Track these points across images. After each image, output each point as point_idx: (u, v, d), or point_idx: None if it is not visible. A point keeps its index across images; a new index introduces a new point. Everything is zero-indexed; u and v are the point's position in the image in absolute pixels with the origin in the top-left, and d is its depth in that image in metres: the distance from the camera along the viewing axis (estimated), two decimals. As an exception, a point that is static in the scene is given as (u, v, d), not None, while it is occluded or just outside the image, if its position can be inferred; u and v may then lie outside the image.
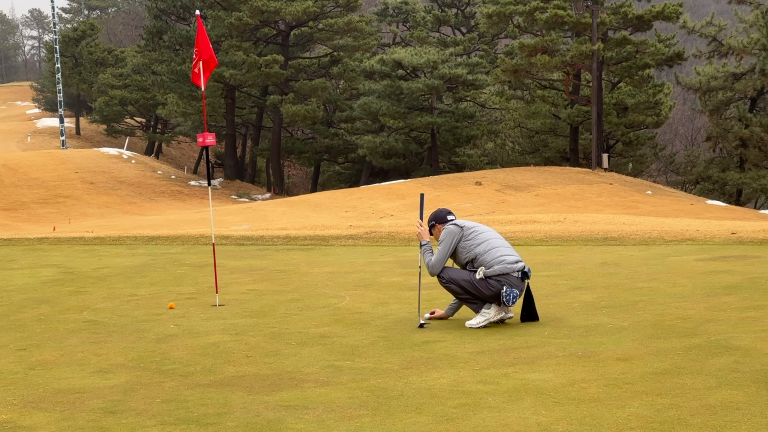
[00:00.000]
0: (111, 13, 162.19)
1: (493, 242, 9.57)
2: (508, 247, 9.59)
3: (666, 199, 48.15)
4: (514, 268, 9.36)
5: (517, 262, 9.42)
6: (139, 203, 57.85)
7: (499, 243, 9.58)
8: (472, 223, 9.81)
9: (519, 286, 9.35)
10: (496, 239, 9.63)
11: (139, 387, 7.33)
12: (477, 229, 9.68)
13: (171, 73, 74.23)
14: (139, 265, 16.25)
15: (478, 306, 9.41)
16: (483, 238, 9.60)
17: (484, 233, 9.65)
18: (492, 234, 9.70)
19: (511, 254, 9.48)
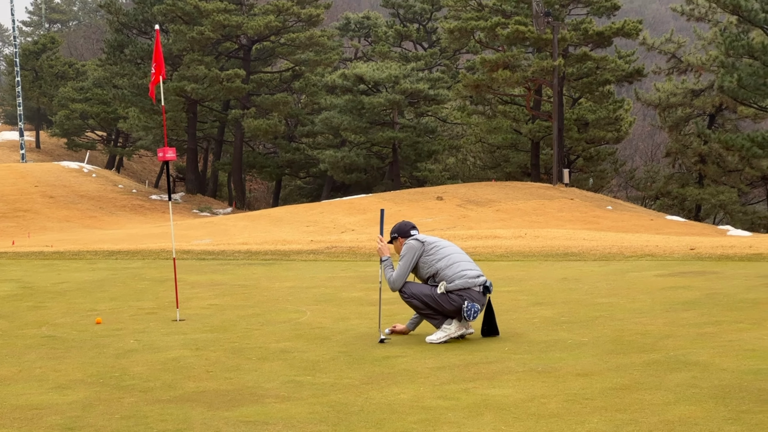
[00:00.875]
0: (72, 27, 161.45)
1: (454, 257, 9.58)
2: (469, 262, 9.60)
3: (626, 215, 48.37)
4: (476, 283, 9.38)
5: (479, 277, 9.43)
6: (99, 217, 57.53)
7: (461, 258, 9.59)
8: (434, 238, 9.80)
9: (480, 300, 9.37)
10: (457, 254, 9.63)
11: (98, 403, 7.29)
12: (438, 244, 9.68)
13: (132, 86, 74.02)
14: (99, 280, 16.16)
15: (439, 321, 9.41)
16: (444, 253, 9.61)
17: (445, 248, 9.66)
18: (454, 249, 9.69)
19: (473, 269, 9.49)
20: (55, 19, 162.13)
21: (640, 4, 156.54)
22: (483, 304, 9.41)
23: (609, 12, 64.58)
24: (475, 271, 9.51)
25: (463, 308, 9.22)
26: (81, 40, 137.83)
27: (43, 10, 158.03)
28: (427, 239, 9.77)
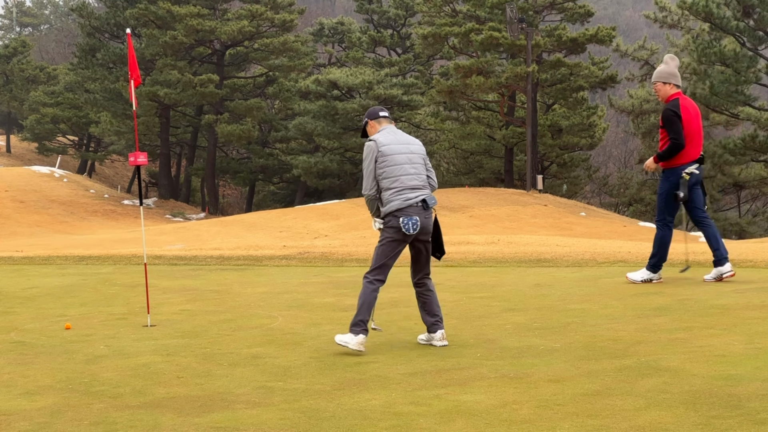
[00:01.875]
0: (43, 31, 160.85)
1: (400, 180, 9.29)
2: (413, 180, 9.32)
3: (599, 221, 48.57)
4: (411, 203, 9.20)
5: (418, 196, 9.24)
6: (70, 222, 57.34)
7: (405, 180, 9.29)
8: (389, 141, 9.42)
9: (421, 214, 9.22)
10: (404, 176, 9.31)
11: (66, 409, 7.24)
12: (388, 160, 9.32)
13: (104, 91, 73.84)
14: (68, 285, 16.08)
15: None
16: (390, 173, 9.30)
17: (393, 167, 9.31)
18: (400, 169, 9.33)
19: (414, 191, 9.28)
20: (26, 22, 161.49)
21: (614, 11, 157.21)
22: (426, 218, 9.24)
23: (583, 18, 64.87)
24: (414, 191, 9.27)
25: (401, 225, 9.12)
26: (52, 44, 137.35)
27: (14, 13, 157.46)
28: (381, 142, 9.41)
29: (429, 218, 9.32)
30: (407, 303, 12.16)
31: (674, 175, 12.51)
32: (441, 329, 9.34)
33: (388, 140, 9.46)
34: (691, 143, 12.44)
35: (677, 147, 12.38)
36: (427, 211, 9.29)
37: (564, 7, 64.69)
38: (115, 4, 76.59)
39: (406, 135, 9.63)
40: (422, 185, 9.35)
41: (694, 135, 12.47)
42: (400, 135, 9.58)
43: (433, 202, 9.33)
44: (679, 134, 12.33)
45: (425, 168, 9.48)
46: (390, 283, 14.17)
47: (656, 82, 12.75)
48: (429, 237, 9.42)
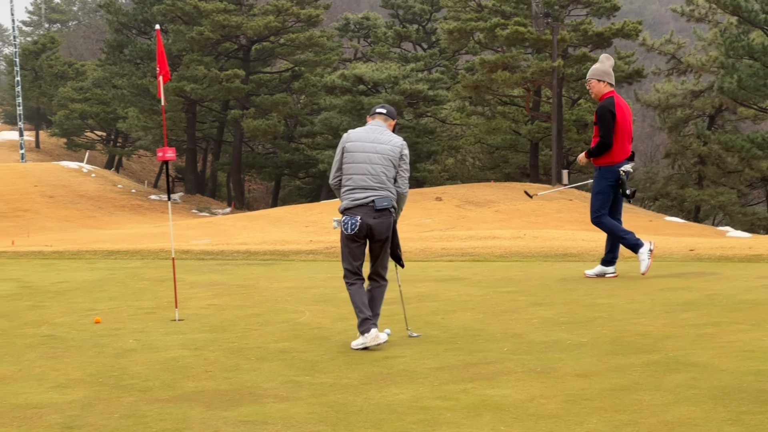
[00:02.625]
0: (71, 27, 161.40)
1: (353, 179, 9.28)
2: (371, 181, 9.25)
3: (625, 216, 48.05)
4: (358, 203, 9.18)
5: (367, 197, 9.18)
6: (98, 217, 57.54)
7: (357, 179, 9.25)
8: (355, 144, 9.38)
9: (369, 215, 9.16)
10: (357, 175, 9.27)
11: (97, 402, 7.29)
12: (348, 157, 9.33)
13: (131, 86, 74.03)
14: (98, 280, 16.16)
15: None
16: (347, 170, 9.33)
17: (350, 165, 9.31)
18: (356, 168, 9.29)
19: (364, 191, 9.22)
20: (54, 19, 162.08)
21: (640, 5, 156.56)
22: (373, 218, 9.16)
23: (609, 13, 64.58)
24: (363, 192, 9.22)
25: (341, 223, 9.16)
26: (80, 40, 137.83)
27: (42, 10, 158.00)
28: (351, 137, 9.42)
29: (379, 220, 9.22)
30: (434, 297, 12.18)
31: (611, 173, 12.85)
32: (374, 327, 9.22)
33: (359, 137, 9.46)
34: (624, 141, 12.79)
35: (605, 146, 12.74)
36: (377, 213, 9.20)
37: (590, 2, 64.42)
38: (143, 1, 76.78)
39: (385, 134, 9.47)
40: (377, 186, 9.23)
41: (626, 133, 12.83)
42: (376, 133, 9.46)
43: (385, 204, 9.18)
44: (609, 133, 12.68)
45: (392, 169, 9.32)
46: (415, 278, 14.22)
47: (591, 80, 13.04)
48: (383, 238, 9.32)
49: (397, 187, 9.35)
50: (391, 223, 9.33)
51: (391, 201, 9.27)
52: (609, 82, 12.92)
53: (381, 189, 9.23)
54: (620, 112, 12.74)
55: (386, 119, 9.65)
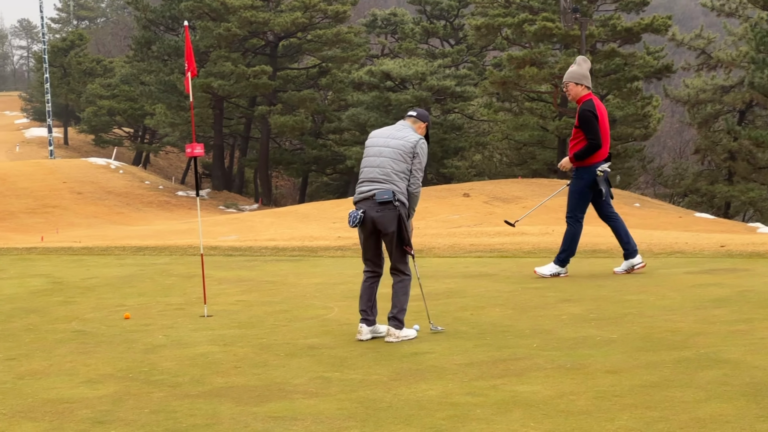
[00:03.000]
0: (100, 24, 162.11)
1: (364, 172, 9.44)
2: (377, 172, 9.33)
3: (654, 212, 48.24)
4: (363, 196, 9.30)
5: (370, 190, 9.26)
6: (126, 213, 57.74)
7: (372, 173, 9.35)
8: (372, 140, 9.55)
9: (372, 208, 9.23)
10: (367, 168, 9.42)
11: (127, 397, 7.32)
12: (365, 152, 9.53)
13: (159, 83, 74.23)
14: (127, 276, 16.21)
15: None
16: (362, 164, 9.52)
17: (365, 159, 9.50)
18: (368, 161, 9.45)
19: (371, 184, 9.32)
20: (83, 16, 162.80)
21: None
22: (376, 212, 9.21)
23: (638, 7, 64.34)
24: (368, 184, 9.33)
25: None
26: (109, 37, 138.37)
27: (71, 7, 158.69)
28: (371, 135, 9.62)
29: (382, 213, 9.23)
30: (462, 293, 12.16)
31: (588, 173, 12.95)
32: (364, 323, 9.43)
33: (378, 133, 9.60)
34: (604, 143, 12.93)
35: (595, 147, 12.89)
36: (380, 206, 9.21)
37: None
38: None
39: (404, 131, 9.50)
40: (383, 179, 9.25)
41: (605, 135, 12.98)
42: (394, 130, 9.55)
43: (386, 197, 9.17)
44: (596, 135, 12.83)
45: (401, 163, 9.31)
46: (443, 273, 14.22)
47: (568, 83, 13.11)
48: (388, 231, 9.29)
49: (408, 186, 9.33)
50: (395, 217, 9.24)
51: (395, 194, 9.20)
52: (586, 86, 13.02)
53: (386, 182, 9.24)
54: (600, 114, 12.88)
55: (415, 121, 9.67)
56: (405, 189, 9.27)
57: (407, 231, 9.37)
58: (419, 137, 9.43)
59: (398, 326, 9.28)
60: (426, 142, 9.53)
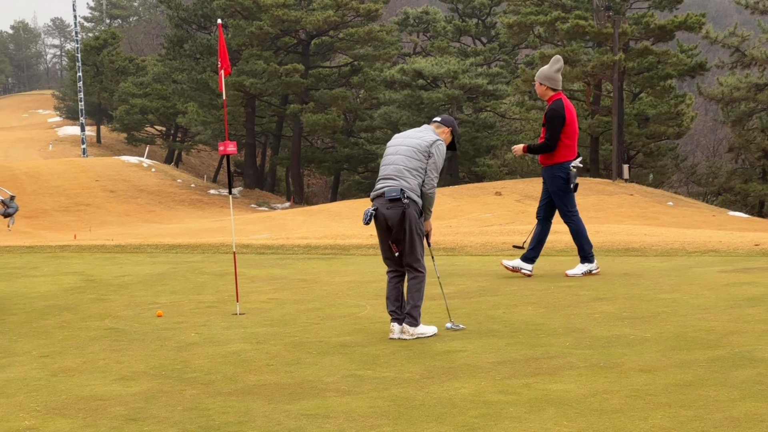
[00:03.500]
0: (132, 22, 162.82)
1: (381, 170, 9.54)
2: (390, 170, 9.40)
3: (687, 210, 48.02)
4: (377, 193, 9.37)
5: (383, 187, 9.31)
6: (158, 211, 58.00)
7: (386, 170, 9.44)
8: (393, 140, 9.68)
9: (383, 205, 9.25)
10: (384, 166, 9.52)
11: (160, 395, 7.34)
12: (386, 152, 9.61)
13: (191, 81, 74.46)
14: (159, 274, 16.27)
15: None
16: (381, 163, 9.59)
17: (383, 158, 9.60)
18: (385, 159, 9.55)
19: (386, 180, 9.38)
20: (115, 14, 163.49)
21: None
22: (388, 209, 9.22)
23: (671, 5, 64.08)
24: (383, 181, 9.39)
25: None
26: (141, 36, 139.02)
27: (104, 5, 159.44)
28: (394, 137, 9.76)
29: (392, 210, 9.23)
30: (495, 292, 12.14)
31: (562, 171, 13.01)
32: (395, 322, 9.47)
33: (398, 135, 9.73)
34: (573, 142, 13.02)
35: (548, 148, 13.04)
36: (390, 203, 9.23)
37: (652, -6, 64.04)
38: (203, -5, 77.26)
39: (422, 132, 9.56)
40: (395, 176, 9.30)
41: (575, 134, 13.09)
42: (414, 131, 9.63)
43: (394, 194, 9.18)
44: (555, 137, 12.93)
45: (415, 161, 9.32)
46: (476, 272, 14.20)
47: (537, 81, 13.25)
48: (399, 227, 9.27)
49: (422, 186, 9.31)
50: (405, 214, 9.22)
51: (404, 191, 9.19)
52: (550, 86, 13.13)
53: (398, 179, 9.27)
54: (569, 114, 12.97)
55: (438, 126, 9.74)
56: (417, 186, 9.26)
57: (416, 230, 9.33)
58: (437, 138, 9.43)
59: (412, 323, 9.29)
60: (443, 144, 9.50)
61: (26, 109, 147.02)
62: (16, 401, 7.32)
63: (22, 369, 8.52)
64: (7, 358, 9.04)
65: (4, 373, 8.33)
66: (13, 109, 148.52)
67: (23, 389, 7.72)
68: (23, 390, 7.69)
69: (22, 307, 12.56)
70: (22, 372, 8.38)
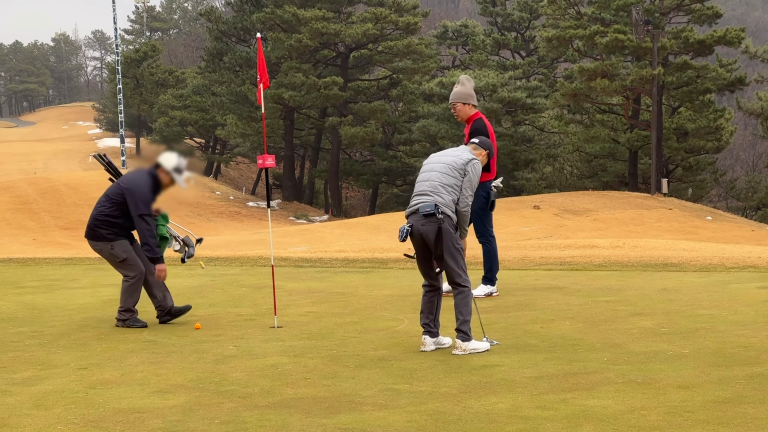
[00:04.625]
0: (172, 35, 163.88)
1: (415, 187, 9.55)
2: (425, 186, 9.41)
3: (726, 225, 47.76)
4: (411, 209, 9.37)
5: (417, 203, 9.31)
6: (197, 224, 58.18)
7: (421, 186, 9.44)
8: (429, 158, 9.72)
9: (418, 221, 9.24)
10: (418, 182, 9.53)
11: (198, 408, 7.36)
12: (421, 169, 9.64)
13: (230, 94, 74.78)
14: (197, 286, 16.32)
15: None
16: (417, 179, 9.60)
17: (421, 174, 9.59)
18: (420, 176, 9.57)
19: (420, 196, 9.37)
20: (156, 27, 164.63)
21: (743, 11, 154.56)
22: (422, 224, 9.22)
23: (710, 20, 63.83)
24: (419, 196, 9.37)
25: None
26: (181, 48, 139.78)
27: (144, 18, 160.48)
28: (431, 156, 9.78)
29: (427, 226, 9.22)
30: (532, 306, 12.11)
31: (483, 190, 12.83)
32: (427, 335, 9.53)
33: (436, 153, 9.79)
34: (495, 161, 12.77)
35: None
36: (425, 219, 9.22)
37: (691, 9, 63.78)
38: (242, 9, 77.55)
39: (458, 151, 9.61)
40: (430, 191, 9.30)
41: (495, 153, 12.72)
42: (451, 150, 9.72)
43: (428, 210, 9.18)
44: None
45: (450, 177, 9.34)
46: (513, 286, 14.17)
47: (456, 104, 13.06)
48: (436, 243, 9.22)
49: (456, 204, 9.31)
50: (441, 229, 9.17)
51: (438, 207, 9.18)
52: (473, 104, 13.02)
53: (432, 195, 9.29)
54: (491, 132, 12.81)
55: (476, 148, 9.83)
56: (451, 202, 9.25)
57: (452, 244, 9.29)
58: (473, 157, 9.46)
59: (465, 338, 9.26)
60: (480, 164, 9.54)
61: (66, 121, 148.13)
62: (54, 413, 7.36)
63: (61, 381, 8.55)
64: (45, 370, 9.09)
65: (43, 385, 8.37)
66: (53, 121, 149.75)
67: (61, 401, 7.76)
68: (61, 402, 7.73)
69: (60, 319, 12.62)
70: (61, 384, 8.42)
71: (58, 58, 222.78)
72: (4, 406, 7.60)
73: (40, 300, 14.80)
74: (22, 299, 14.87)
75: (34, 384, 8.42)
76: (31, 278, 18.41)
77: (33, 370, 9.08)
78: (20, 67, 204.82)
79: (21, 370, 9.09)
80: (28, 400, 7.79)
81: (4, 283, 17.47)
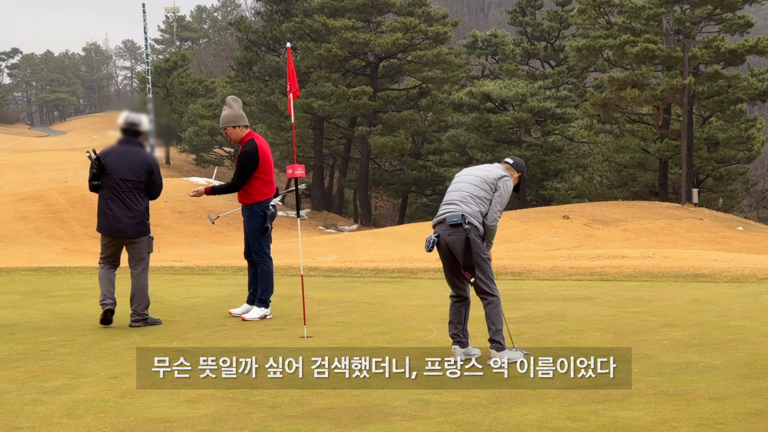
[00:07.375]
0: (202, 45, 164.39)
1: (444, 197, 9.50)
2: (454, 193, 9.38)
3: (758, 236, 47.51)
4: (438, 219, 9.31)
5: (444, 212, 9.25)
6: (226, 233, 58.30)
7: (450, 196, 9.38)
8: (461, 172, 9.66)
9: (444, 231, 9.19)
10: (448, 192, 9.49)
11: (227, 417, 7.37)
12: (453, 180, 9.59)
13: (260, 103, 74.94)
14: (227, 296, 16.33)
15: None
16: (447, 191, 9.55)
17: (452, 184, 9.55)
18: (454, 185, 9.49)
19: (447, 205, 9.32)
20: (185, 36, 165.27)
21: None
22: (449, 234, 9.16)
23: (742, 29, 63.60)
24: (446, 205, 9.31)
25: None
26: (211, 58, 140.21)
27: (174, 28, 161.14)
28: (463, 170, 9.71)
29: (454, 236, 9.16)
30: (562, 317, 12.07)
31: (260, 209, 12.91)
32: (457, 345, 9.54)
33: (466, 168, 9.73)
34: (271, 178, 12.97)
35: (234, 189, 13.01)
36: (451, 228, 9.16)
37: (722, 18, 63.56)
38: (272, 18, 77.75)
39: (491, 167, 9.56)
40: (458, 201, 9.25)
41: (271, 171, 13.01)
42: (485, 166, 9.66)
43: (455, 220, 9.12)
44: (243, 180, 12.85)
45: (480, 190, 9.28)
46: (543, 296, 14.13)
47: (227, 128, 12.99)
48: (462, 253, 9.16)
49: (485, 218, 9.26)
50: (468, 240, 9.11)
51: (465, 216, 9.12)
52: (244, 125, 12.94)
53: (460, 204, 9.23)
54: (263, 153, 12.79)
55: (509, 168, 9.65)
56: (479, 213, 9.20)
57: (479, 254, 9.25)
58: (506, 174, 9.40)
59: (499, 347, 9.23)
60: (512, 182, 9.45)
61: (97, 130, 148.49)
62: (84, 423, 7.38)
63: (91, 390, 8.58)
64: (76, 379, 9.11)
65: (73, 394, 8.40)
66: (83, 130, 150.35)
67: (91, 410, 7.77)
68: (91, 411, 7.75)
69: (91, 329, 12.66)
70: (91, 393, 8.44)
71: (88, 68, 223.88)
72: (35, 415, 7.62)
73: (71, 309, 14.85)
74: (53, 308, 14.92)
75: (65, 393, 8.45)
76: (62, 287, 18.48)
77: (64, 378, 9.11)
78: (51, 76, 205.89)
79: (52, 379, 9.12)
80: (58, 409, 7.82)
81: (35, 292, 17.54)
